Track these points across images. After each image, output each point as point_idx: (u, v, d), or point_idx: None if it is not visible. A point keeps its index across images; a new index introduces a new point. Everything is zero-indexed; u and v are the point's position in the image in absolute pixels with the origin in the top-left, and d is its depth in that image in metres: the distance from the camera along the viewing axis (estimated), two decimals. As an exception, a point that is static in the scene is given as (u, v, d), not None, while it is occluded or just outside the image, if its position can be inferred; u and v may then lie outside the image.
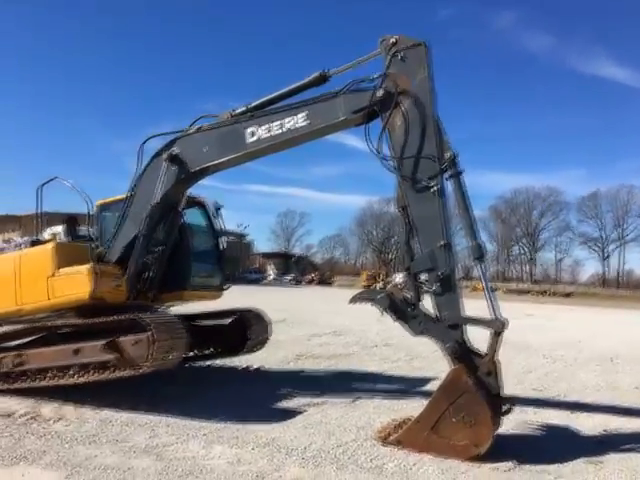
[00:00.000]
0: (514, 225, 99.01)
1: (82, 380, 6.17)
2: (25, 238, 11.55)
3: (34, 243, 8.47)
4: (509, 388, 8.27)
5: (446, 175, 5.52)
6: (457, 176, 5.50)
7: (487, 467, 4.82)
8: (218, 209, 8.20)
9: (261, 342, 8.51)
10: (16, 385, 6.55)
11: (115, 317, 6.18)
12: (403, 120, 5.63)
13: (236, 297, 9.09)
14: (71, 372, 6.28)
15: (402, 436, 5.26)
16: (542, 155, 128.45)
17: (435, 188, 5.43)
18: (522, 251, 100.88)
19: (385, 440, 5.37)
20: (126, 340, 6.04)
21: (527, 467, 4.87)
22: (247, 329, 8.10)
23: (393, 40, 5.68)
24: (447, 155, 5.48)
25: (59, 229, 11.01)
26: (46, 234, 8.44)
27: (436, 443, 5.02)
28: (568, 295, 75.02)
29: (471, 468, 4.78)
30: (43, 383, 6.41)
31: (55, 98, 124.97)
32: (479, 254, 5.42)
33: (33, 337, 7.09)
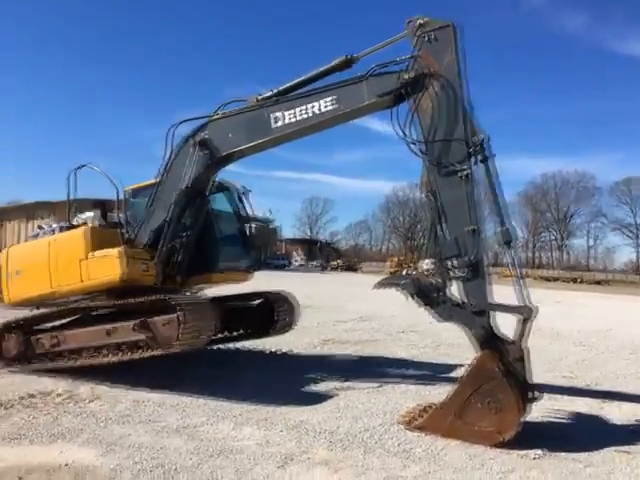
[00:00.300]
0: (544, 211, 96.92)
1: (115, 359, 6.37)
2: (58, 224, 11.87)
3: (66, 229, 8.72)
4: (539, 375, 8.17)
5: (476, 159, 5.42)
6: (487, 160, 5.40)
7: (516, 454, 4.80)
8: (245, 193, 8.27)
9: (289, 324, 8.59)
10: (52, 365, 6.77)
11: (146, 298, 6.32)
12: (432, 103, 5.53)
13: (262, 283, 9.17)
14: (105, 352, 6.49)
15: (426, 421, 5.28)
16: (576, 139, 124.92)
17: (464, 172, 5.34)
18: (552, 237, 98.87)
19: (409, 424, 5.40)
20: (157, 320, 6.19)
21: (556, 455, 4.83)
22: (275, 311, 8.18)
23: (420, 21, 5.58)
24: (477, 138, 5.37)
25: (90, 215, 11.30)
26: (78, 220, 8.64)
27: (460, 429, 5.02)
28: (599, 283, 73.26)
29: (499, 454, 4.76)
30: (78, 363, 6.64)
31: (86, 84, 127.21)
32: (508, 239, 5.33)
33: (68, 319, 7.31)
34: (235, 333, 8.55)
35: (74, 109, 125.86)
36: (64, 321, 7.33)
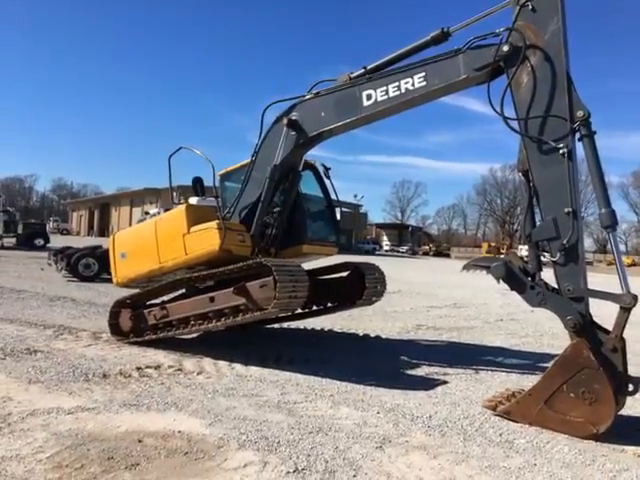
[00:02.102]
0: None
1: (219, 324, 6.76)
2: (160, 209, 12.67)
3: (167, 210, 9.35)
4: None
5: (577, 136, 5.06)
6: (590, 137, 5.00)
7: (631, 452, 4.47)
8: (328, 169, 8.42)
9: (380, 292, 8.58)
10: (163, 334, 7.30)
11: (243, 263, 6.65)
12: (531, 76, 5.20)
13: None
14: (208, 319, 6.89)
15: (513, 406, 5.09)
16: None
17: (564, 150, 4.99)
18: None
19: (494, 410, 5.24)
20: (253, 284, 6.49)
21: (679, 457, 4.44)
22: (364, 278, 8.19)
23: None
24: (579, 114, 4.99)
25: (194, 199, 11.94)
26: (181, 204, 9.16)
27: (550, 417, 4.80)
28: None
29: (612, 452, 4.46)
30: (186, 330, 7.12)
31: (181, 70, 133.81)
32: (610, 222, 4.93)
33: (175, 293, 7.84)
34: (328, 305, 8.65)
35: (170, 97, 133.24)
36: (171, 295, 7.87)
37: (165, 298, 7.90)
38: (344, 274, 8.62)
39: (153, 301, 7.87)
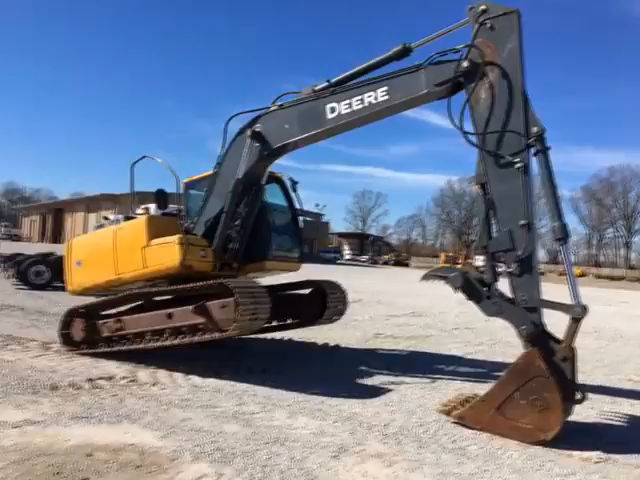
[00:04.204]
0: (609, 206, 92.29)
1: (176, 342, 6.61)
2: (122, 215, 12.40)
3: (128, 219, 9.12)
4: (602, 378, 7.88)
5: (532, 151, 5.25)
6: (544, 152, 5.21)
7: (578, 457, 4.64)
8: (295, 183, 8.40)
9: (340, 312, 8.61)
10: (117, 348, 7.11)
11: (205, 282, 6.55)
12: (489, 92, 5.39)
13: (311, 276, 9.24)
14: (165, 335, 6.74)
15: (466, 412, 5.23)
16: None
17: (520, 164, 5.18)
18: (618, 234, 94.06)
19: (448, 414, 5.36)
20: (214, 304, 6.39)
21: (619, 459, 4.64)
22: (325, 298, 8.19)
23: (483, 7, 5.40)
24: (534, 130, 5.19)
25: (152, 206, 11.73)
26: (139, 210, 9.02)
27: (501, 423, 4.94)
28: (668, 283, 69.20)
29: (559, 457, 4.62)
30: (141, 346, 6.93)
31: (138, 76, 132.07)
32: (562, 235, 5.14)
33: (131, 305, 7.65)
34: (287, 321, 8.64)
35: (135, 103, 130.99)
36: (128, 306, 7.68)
37: (122, 308, 7.70)
38: (307, 290, 8.59)
39: (108, 312, 7.66)
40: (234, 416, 5.21)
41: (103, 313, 7.63)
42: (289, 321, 8.62)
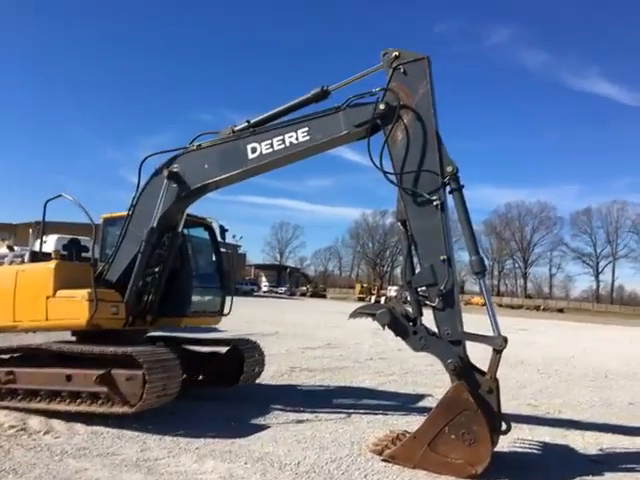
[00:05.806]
0: (508, 239, 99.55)
1: (72, 409, 6.00)
2: (26, 249, 11.37)
3: (33, 254, 8.29)
4: (503, 404, 8.26)
5: (447, 189, 5.51)
6: (459, 190, 5.48)
7: (482, 485, 4.78)
8: (225, 231, 8.03)
9: (256, 375, 8.17)
10: (4, 403, 6.42)
11: (111, 350, 6.03)
12: (404, 134, 5.62)
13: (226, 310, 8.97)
14: (62, 398, 6.14)
15: (398, 450, 5.20)
16: (535, 170, 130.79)
17: (437, 202, 5.40)
18: (516, 265, 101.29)
19: (380, 453, 5.31)
20: (120, 374, 5.88)
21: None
22: (242, 361, 7.61)
23: (396, 54, 5.69)
24: (449, 169, 5.46)
25: (54, 237, 10.96)
26: (44, 242, 8.28)
27: (432, 460, 4.95)
28: (561, 310, 75.33)
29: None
30: (32, 405, 6.24)
31: (49, 106, 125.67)
32: (480, 269, 5.40)
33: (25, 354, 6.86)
34: (199, 378, 8.00)
35: (32, 129, 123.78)
36: (20, 354, 6.89)
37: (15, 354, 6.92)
38: (223, 349, 7.96)
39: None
40: (136, 464, 4.86)
41: None
42: (200, 377, 7.96)
